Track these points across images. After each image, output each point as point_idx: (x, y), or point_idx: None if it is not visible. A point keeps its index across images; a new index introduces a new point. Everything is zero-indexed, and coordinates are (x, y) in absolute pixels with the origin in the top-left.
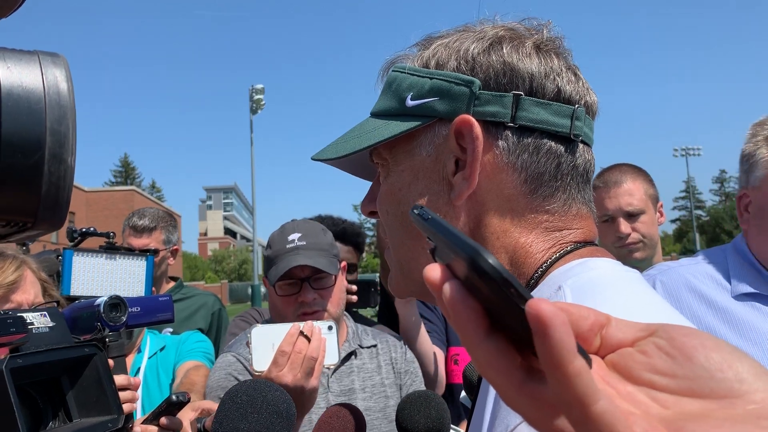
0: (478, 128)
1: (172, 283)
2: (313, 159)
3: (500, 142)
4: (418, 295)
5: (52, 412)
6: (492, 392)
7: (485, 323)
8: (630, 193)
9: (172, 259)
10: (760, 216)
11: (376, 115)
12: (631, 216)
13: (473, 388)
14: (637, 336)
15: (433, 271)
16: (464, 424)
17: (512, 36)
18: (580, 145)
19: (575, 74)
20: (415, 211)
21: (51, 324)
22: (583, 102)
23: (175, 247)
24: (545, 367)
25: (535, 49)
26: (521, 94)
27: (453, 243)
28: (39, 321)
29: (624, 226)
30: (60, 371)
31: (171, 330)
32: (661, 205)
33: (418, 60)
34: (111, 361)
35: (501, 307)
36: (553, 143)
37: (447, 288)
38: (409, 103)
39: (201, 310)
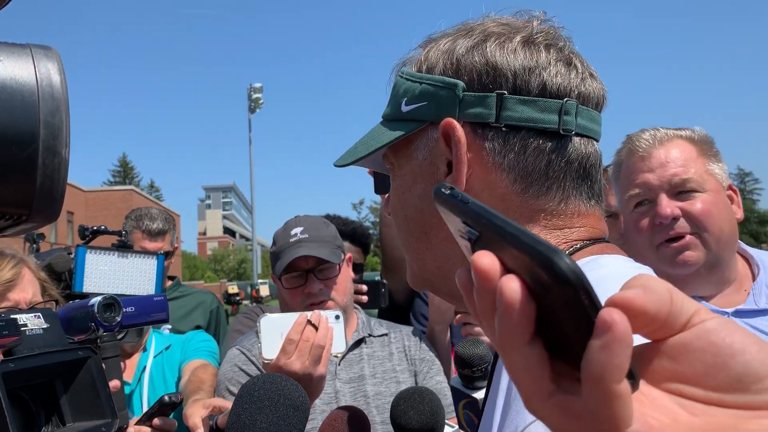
0: (460, 131)
1: (169, 282)
2: (335, 165)
3: (487, 143)
4: (430, 289)
5: (45, 416)
6: (502, 391)
7: (533, 326)
8: None
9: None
10: (625, 236)
11: (383, 119)
12: None
13: (467, 362)
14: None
15: (486, 259)
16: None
17: (501, 32)
18: (576, 139)
19: (568, 64)
20: (444, 190)
21: (45, 325)
22: (575, 93)
23: (175, 246)
24: (590, 380)
25: (523, 44)
26: (505, 93)
27: (515, 236)
28: (32, 323)
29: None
30: (54, 375)
31: (170, 327)
32: None
33: (416, 64)
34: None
35: (558, 310)
36: (541, 140)
37: (509, 283)
38: (404, 108)
39: (199, 308)
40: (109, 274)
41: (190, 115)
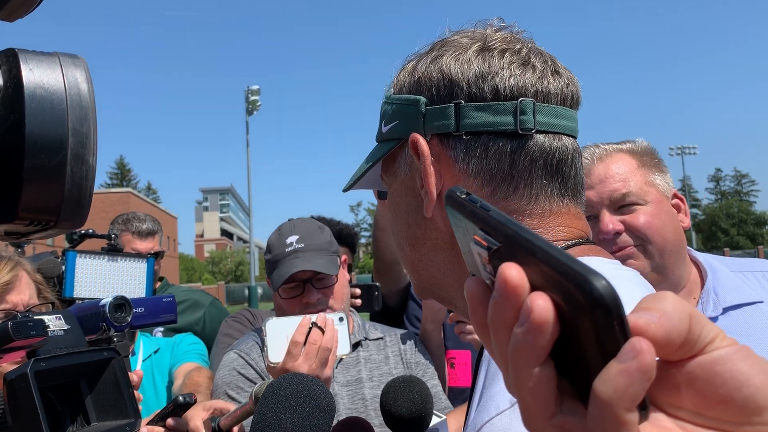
0: (423, 144)
1: (158, 284)
2: (343, 191)
3: (452, 152)
4: (433, 298)
5: (70, 415)
6: (478, 390)
7: (551, 347)
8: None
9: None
10: None
11: (376, 142)
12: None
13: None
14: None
15: (515, 272)
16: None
17: (458, 45)
18: (539, 137)
19: (525, 65)
20: (460, 194)
21: (66, 327)
22: (532, 92)
23: (163, 248)
24: (600, 402)
25: (478, 52)
26: (461, 102)
27: (547, 253)
28: (54, 324)
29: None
30: (79, 375)
31: (162, 330)
32: None
33: (392, 87)
34: None
35: (582, 331)
36: (501, 142)
37: (540, 302)
38: (383, 129)
39: (192, 307)
40: (100, 278)
41: (188, 117)
